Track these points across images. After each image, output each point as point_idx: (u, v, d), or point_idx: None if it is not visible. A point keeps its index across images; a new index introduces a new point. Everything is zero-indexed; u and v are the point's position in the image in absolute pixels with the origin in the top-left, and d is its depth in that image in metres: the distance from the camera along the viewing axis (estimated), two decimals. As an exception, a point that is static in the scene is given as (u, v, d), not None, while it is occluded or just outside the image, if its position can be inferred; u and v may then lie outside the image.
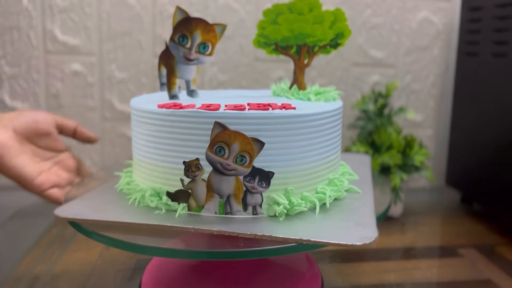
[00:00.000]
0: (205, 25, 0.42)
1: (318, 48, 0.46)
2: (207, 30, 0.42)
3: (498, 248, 0.65)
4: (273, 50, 0.48)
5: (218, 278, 0.44)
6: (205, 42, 0.42)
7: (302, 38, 0.45)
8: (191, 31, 0.42)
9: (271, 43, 0.47)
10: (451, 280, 0.56)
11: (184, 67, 0.44)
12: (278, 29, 0.45)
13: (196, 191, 0.38)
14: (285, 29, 0.45)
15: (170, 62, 0.44)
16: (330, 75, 0.86)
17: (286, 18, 0.44)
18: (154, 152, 0.42)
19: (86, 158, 0.82)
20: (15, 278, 0.54)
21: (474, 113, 0.77)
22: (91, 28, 0.79)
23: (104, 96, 0.81)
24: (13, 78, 0.79)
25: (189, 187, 0.39)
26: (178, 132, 0.39)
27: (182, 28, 0.42)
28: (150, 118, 0.41)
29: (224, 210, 0.39)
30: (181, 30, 0.42)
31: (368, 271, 0.58)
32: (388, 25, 0.87)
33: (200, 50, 0.42)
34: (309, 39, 0.45)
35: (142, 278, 0.48)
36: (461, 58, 0.82)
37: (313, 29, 0.44)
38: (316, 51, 0.46)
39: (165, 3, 0.80)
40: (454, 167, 0.84)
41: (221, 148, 0.36)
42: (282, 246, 0.35)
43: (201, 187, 0.38)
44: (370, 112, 0.77)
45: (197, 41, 0.42)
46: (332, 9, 0.45)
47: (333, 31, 0.45)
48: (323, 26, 0.44)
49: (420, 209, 0.81)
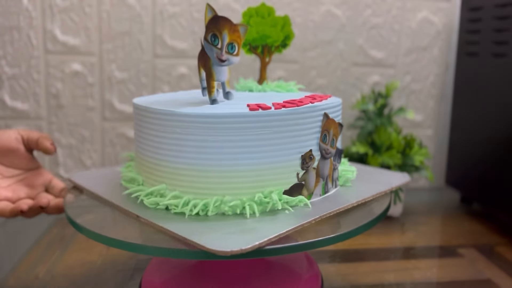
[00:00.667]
0: (231, 24, 0.40)
1: (274, 48, 0.53)
2: (232, 30, 0.41)
3: (498, 248, 0.65)
4: (248, 50, 0.53)
5: (218, 278, 0.45)
6: (232, 42, 0.41)
7: (264, 38, 0.51)
8: (220, 31, 0.40)
9: (246, 43, 0.52)
10: (450, 280, 0.56)
11: (219, 69, 0.42)
12: (250, 31, 0.51)
13: (309, 180, 0.42)
14: (254, 31, 0.51)
15: (208, 65, 0.42)
16: (330, 75, 0.86)
17: (255, 21, 0.51)
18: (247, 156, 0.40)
19: (86, 158, 0.82)
20: (15, 278, 0.54)
21: (474, 113, 0.77)
22: (91, 28, 0.79)
23: (104, 96, 0.81)
24: (13, 78, 0.79)
25: (303, 178, 0.42)
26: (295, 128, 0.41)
27: (212, 27, 0.40)
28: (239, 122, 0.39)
29: (324, 190, 0.44)
30: (212, 29, 0.40)
31: (368, 271, 0.58)
32: (388, 25, 0.87)
33: (229, 50, 0.41)
34: (269, 40, 0.51)
35: (142, 278, 0.49)
36: (461, 58, 0.82)
37: (271, 31, 0.51)
38: (273, 50, 0.53)
39: (165, 3, 0.80)
40: (454, 167, 0.84)
41: (325, 136, 0.43)
42: (282, 246, 0.35)
43: (312, 175, 0.42)
44: (370, 112, 0.77)
45: (226, 41, 0.40)
46: (282, 16, 0.52)
47: (283, 33, 0.52)
48: (277, 29, 0.51)
49: (420, 209, 0.81)
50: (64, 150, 0.82)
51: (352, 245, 0.64)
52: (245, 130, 0.39)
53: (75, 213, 0.41)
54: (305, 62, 0.85)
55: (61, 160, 0.82)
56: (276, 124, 0.39)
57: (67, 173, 0.83)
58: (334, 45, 0.86)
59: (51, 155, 0.49)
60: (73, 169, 0.83)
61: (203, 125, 0.38)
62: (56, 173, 0.83)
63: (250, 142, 0.39)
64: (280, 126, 0.40)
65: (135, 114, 0.44)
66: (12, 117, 0.80)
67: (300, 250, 0.36)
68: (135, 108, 0.44)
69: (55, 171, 0.82)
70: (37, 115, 0.80)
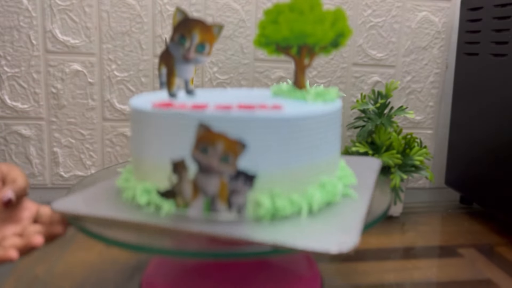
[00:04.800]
0: (203, 25, 0.43)
1: (319, 48, 0.46)
2: (205, 30, 0.43)
3: (498, 248, 0.65)
4: (274, 50, 0.47)
5: (217, 278, 0.44)
6: (203, 42, 0.43)
7: (302, 38, 0.44)
8: (190, 31, 0.43)
9: (271, 43, 0.46)
10: (450, 280, 0.56)
11: (183, 67, 0.45)
12: (279, 29, 0.44)
13: (183, 190, 0.39)
14: (285, 29, 0.44)
15: (170, 62, 0.45)
16: (330, 75, 0.86)
17: (286, 18, 0.43)
18: (145, 150, 0.42)
19: (86, 158, 0.82)
20: (15, 278, 0.54)
21: (473, 113, 0.77)
22: (91, 28, 0.79)
23: (104, 96, 0.81)
24: (13, 78, 0.79)
25: (176, 185, 0.39)
26: (166, 131, 0.40)
27: (181, 28, 0.43)
28: (141, 117, 0.42)
29: (209, 209, 0.39)
30: (181, 30, 0.43)
31: (368, 271, 0.58)
32: (388, 25, 0.87)
33: (199, 50, 0.43)
34: (310, 39, 0.44)
35: (142, 278, 0.48)
36: (460, 58, 0.82)
37: (314, 29, 0.43)
38: (316, 51, 0.46)
39: (165, 3, 0.80)
40: (454, 167, 0.84)
41: (205, 149, 0.36)
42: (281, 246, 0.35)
43: (187, 186, 0.39)
44: (370, 112, 0.77)
45: (195, 41, 0.43)
46: (332, 9, 0.45)
47: (334, 31, 0.44)
48: (324, 26, 0.43)
49: (420, 209, 0.81)
50: (64, 150, 0.82)
51: (352, 245, 0.64)
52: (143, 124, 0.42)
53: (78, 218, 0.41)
54: (305, 62, 0.85)
55: (61, 160, 0.82)
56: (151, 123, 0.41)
57: (67, 173, 0.83)
58: (334, 45, 0.86)
59: None
60: (73, 169, 0.83)
61: None
62: (56, 173, 0.83)
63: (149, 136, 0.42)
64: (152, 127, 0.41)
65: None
66: (12, 117, 0.80)
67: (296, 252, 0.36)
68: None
69: (55, 171, 0.82)
70: (37, 115, 0.80)
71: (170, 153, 0.39)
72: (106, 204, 0.42)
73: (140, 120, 0.42)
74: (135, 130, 0.44)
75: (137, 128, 0.43)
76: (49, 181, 0.83)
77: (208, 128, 0.36)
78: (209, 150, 0.36)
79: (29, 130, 0.81)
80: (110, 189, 0.46)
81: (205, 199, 0.38)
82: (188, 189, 0.39)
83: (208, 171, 0.37)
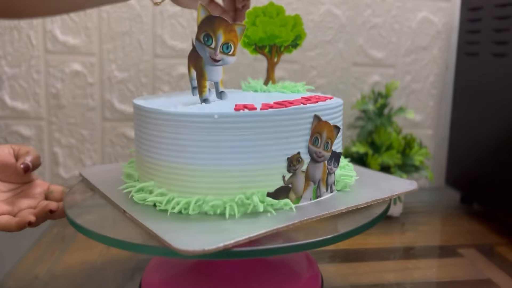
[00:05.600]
0: (227, 24, 0.41)
1: (284, 48, 0.53)
2: (228, 30, 0.41)
3: (498, 248, 0.65)
4: (253, 50, 0.53)
5: (218, 278, 0.45)
6: (228, 42, 0.41)
7: (273, 39, 0.51)
8: (215, 31, 0.40)
9: (252, 43, 0.52)
10: (450, 280, 0.56)
11: (212, 69, 0.42)
12: (256, 30, 0.50)
13: (296, 183, 0.41)
14: (261, 31, 0.50)
15: (199, 64, 0.42)
16: (330, 75, 0.86)
17: (261, 21, 0.50)
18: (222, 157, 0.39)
19: (86, 158, 0.82)
20: (15, 278, 0.54)
21: (473, 113, 0.77)
22: (91, 28, 0.79)
23: (104, 96, 0.81)
24: (13, 78, 0.79)
25: (290, 181, 0.40)
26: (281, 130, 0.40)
27: (205, 27, 0.40)
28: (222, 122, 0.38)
29: (316, 194, 0.42)
30: (205, 29, 0.40)
31: (368, 271, 0.58)
32: (388, 25, 0.87)
33: (224, 50, 0.41)
34: (278, 40, 0.51)
35: (142, 278, 0.49)
36: (461, 58, 0.82)
37: (280, 31, 0.50)
38: (282, 50, 0.53)
39: (165, 3, 0.80)
40: (454, 167, 0.84)
41: (316, 138, 0.41)
42: (281, 246, 0.35)
43: (300, 179, 0.41)
44: (370, 112, 0.77)
45: (220, 41, 0.40)
46: (292, 15, 0.51)
47: (294, 33, 0.51)
48: (287, 28, 0.51)
49: (420, 208, 0.81)
50: (64, 150, 0.82)
51: (352, 245, 0.64)
52: (229, 131, 0.38)
53: (75, 213, 0.41)
54: (305, 62, 0.85)
55: (61, 160, 0.82)
56: (260, 125, 0.38)
57: (67, 173, 0.83)
58: (334, 45, 0.86)
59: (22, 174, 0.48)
60: (73, 169, 0.83)
61: (188, 124, 0.38)
62: (56, 173, 0.83)
63: (234, 142, 0.38)
64: (265, 127, 0.39)
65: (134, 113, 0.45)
66: (12, 117, 0.80)
67: (299, 250, 0.36)
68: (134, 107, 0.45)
69: (55, 171, 0.82)
70: (37, 115, 0.80)
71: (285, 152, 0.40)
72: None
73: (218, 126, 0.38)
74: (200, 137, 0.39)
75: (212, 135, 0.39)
76: (49, 181, 0.83)
77: (320, 119, 0.41)
78: (319, 139, 0.41)
79: (29, 130, 0.81)
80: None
81: (314, 186, 0.42)
82: (301, 181, 0.41)
83: (317, 159, 0.41)
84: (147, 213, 0.39)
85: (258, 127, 0.38)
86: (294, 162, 0.40)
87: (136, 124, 0.44)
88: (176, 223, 0.37)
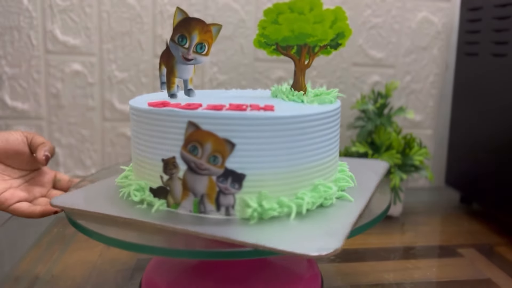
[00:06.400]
0: (203, 25, 0.43)
1: (319, 49, 0.45)
2: (204, 31, 0.43)
3: (498, 248, 0.65)
4: (273, 51, 0.47)
5: (218, 278, 0.45)
6: (202, 42, 0.43)
7: (302, 38, 0.44)
8: (190, 32, 0.43)
9: (271, 43, 0.46)
10: (450, 280, 0.56)
11: (183, 67, 0.45)
12: (279, 29, 0.44)
13: (173, 188, 0.39)
14: (285, 29, 0.44)
15: (170, 62, 0.45)
16: (330, 75, 0.86)
17: (286, 18, 0.43)
18: (141, 148, 0.43)
19: (86, 158, 0.82)
20: (15, 278, 0.54)
21: (473, 113, 0.77)
22: (91, 28, 0.79)
23: (104, 96, 0.81)
24: (13, 78, 0.79)
25: (167, 184, 0.39)
26: (157, 129, 0.41)
27: (181, 28, 0.43)
28: (137, 115, 0.43)
29: (198, 209, 0.39)
30: (181, 30, 0.43)
31: (368, 271, 0.58)
32: (388, 25, 0.87)
33: (198, 50, 0.43)
34: (310, 39, 0.44)
35: (142, 278, 0.49)
36: (460, 58, 0.82)
37: (314, 29, 0.43)
38: (316, 52, 0.46)
39: (165, 3, 0.80)
40: (454, 167, 0.84)
41: (194, 148, 0.36)
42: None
43: (177, 185, 0.39)
44: (370, 112, 0.77)
45: (195, 41, 0.43)
46: (332, 8, 0.44)
47: (334, 30, 0.44)
48: (324, 25, 0.43)
49: (419, 209, 0.81)
50: (64, 150, 0.82)
51: (352, 245, 0.64)
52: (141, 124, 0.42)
53: (75, 213, 0.41)
54: (305, 62, 0.85)
55: (61, 160, 0.82)
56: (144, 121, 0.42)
57: (67, 173, 0.83)
58: (334, 45, 0.86)
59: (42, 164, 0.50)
60: (73, 169, 0.83)
61: None
62: (56, 173, 0.83)
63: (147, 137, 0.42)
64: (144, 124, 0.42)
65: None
66: (12, 117, 0.80)
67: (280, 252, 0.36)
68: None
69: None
70: (37, 115, 0.80)
71: (163, 152, 0.40)
72: (102, 201, 0.43)
73: (137, 118, 0.43)
74: (133, 129, 0.45)
75: (134, 126, 0.44)
76: (49, 181, 0.83)
77: (197, 127, 0.36)
78: (198, 150, 0.36)
79: (29, 130, 0.81)
80: (109, 187, 0.47)
81: (194, 199, 0.39)
82: (178, 188, 0.39)
83: (196, 170, 0.37)
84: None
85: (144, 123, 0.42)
86: (170, 166, 0.38)
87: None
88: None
